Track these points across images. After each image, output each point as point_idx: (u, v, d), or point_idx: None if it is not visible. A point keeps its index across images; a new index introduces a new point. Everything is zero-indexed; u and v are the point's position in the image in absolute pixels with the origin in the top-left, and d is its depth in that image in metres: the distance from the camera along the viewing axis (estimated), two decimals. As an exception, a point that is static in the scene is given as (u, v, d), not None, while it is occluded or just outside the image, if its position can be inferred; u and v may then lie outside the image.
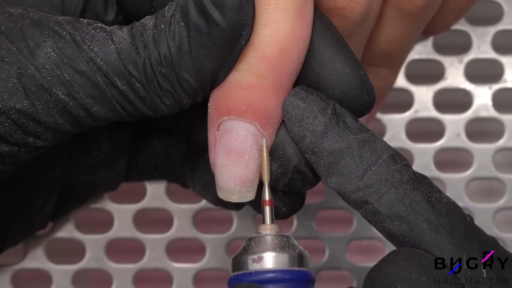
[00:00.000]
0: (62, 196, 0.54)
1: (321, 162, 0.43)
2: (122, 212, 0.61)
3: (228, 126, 0.43)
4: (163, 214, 0.61)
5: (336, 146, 0.42)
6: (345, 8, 0.47)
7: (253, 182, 0.44)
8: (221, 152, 0.43)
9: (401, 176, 0.42)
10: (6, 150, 0.43)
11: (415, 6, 0.49)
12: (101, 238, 0.61)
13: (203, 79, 0.43)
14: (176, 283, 0.61)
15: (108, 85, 0.42)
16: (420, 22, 0.51)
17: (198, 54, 0.42)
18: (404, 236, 0.41)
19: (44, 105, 0.42)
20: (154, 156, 0.55)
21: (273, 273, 0.42)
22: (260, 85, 0.43)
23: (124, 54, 0.42)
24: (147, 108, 0.43)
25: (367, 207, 0.42)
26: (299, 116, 0.43)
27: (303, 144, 0.43)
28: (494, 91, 0.62)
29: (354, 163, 0.42)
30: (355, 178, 0.42)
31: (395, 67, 0.54)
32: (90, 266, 0.61)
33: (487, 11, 0.63)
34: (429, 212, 0.41)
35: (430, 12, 0.50)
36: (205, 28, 0.42)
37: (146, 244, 0.61)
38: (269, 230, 0.44)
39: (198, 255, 0.61)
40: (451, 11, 0.53)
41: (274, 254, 0.43)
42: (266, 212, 0.44)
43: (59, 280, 0.61)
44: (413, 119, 0.62)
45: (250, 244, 0.44)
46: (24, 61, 0.42)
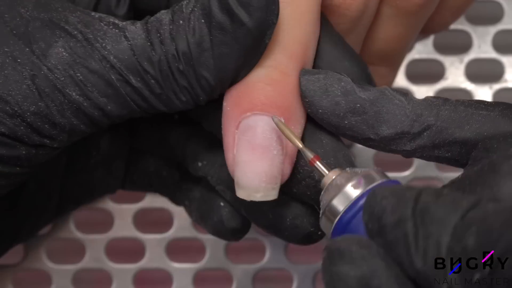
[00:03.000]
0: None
1: (365, 117, 0.42)
2: (122, 212, 0.61)
3: (252, 122, 0.42)
4: (163, 214, 0.61)
5: (373, 95, 0.42)
6: (341, 6, 0.47)
7: (277, 179, 0.43)
8: (245, 149, 0.42)
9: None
10: (24, 153, 0.43)
11: (413, 4, 0.49)
12: (101, 238, 0.61)
13: (223, 77, 0.42)
14: (176, 283, 0.61)
15: (122, 82, 0.42)
16: (418, 21, 0.50)
17: (220, 52, 0.42)
18: (475, 137, 0.42)
19: (58, 107, 0.42)
20: (148, 174, 0.55)
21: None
22: (286, 82, 0.43)
23: (139, 51, 0.42)
24: (162, 104, 0.43)
25: (430, 131, 0.42)
26: (323, 86, 0.43)
27: (340, 109, 0.43)
28: (494, 91, 0.62)
29: (393, 105, 0.42)
30: (403, 115, 0.42)
31: (394, 66, 0.53)
32: (90, 266, 0.61)
33: (487, 11, 0.62)
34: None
35: (428, 10, 0.50)
36: (229, 27, 0.41)
37: (146, 244, 0.61)
38: (335, 174, 0.42)
39: (198, 255, 0.61)
40: (449, 9, 0.53)
41: (363, 175, 0.41)
42: (320, 166, 0.42)
43: (59, 280, 0.61)
44: (413, 119, 0.61)
45: (334, 190, 0.41)
46: (37, 61, 0.42)
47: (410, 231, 0.37)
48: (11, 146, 0.42)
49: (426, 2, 0.49)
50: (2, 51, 0.42)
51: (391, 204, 0.38)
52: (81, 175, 0.54)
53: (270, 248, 0.61)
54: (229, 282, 0.61)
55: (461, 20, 0.60)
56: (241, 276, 0.61)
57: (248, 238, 0.60)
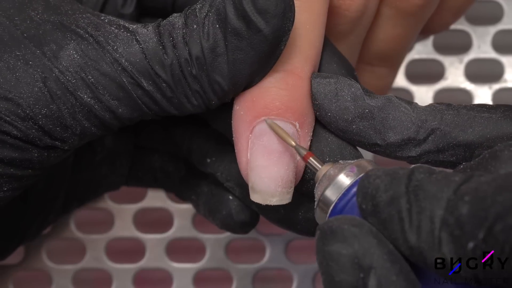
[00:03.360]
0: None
1: (373, 122, 0.43)
2: (122, 212, 0.61)
3: (267, 127, 0.42)
4: (163, 214, 0.61)
5: (380, 102, 0.43)
6: (341, 6, 0.47)
7: (292, 183, 0.43)
8: (260, 154, 0.42)
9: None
10: (36, 156, 0.43)
11: (413, 5, 0.49)
12: (101, 238, 0.61)
13: (237, 83, 0.42)
14: (176, 283, 0.61)
15: (134, 86, 0.42)
16: (418, 22, 0.50)
17: (235, 58, 0.41)
18: (478, 140, 0.42)
19: (70, 109, 0.42)
20: (153, 170, 0.55)
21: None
22: (300, 86, 0.43)
23: (150, 54, 0.42)
24: (173, 107, 0.43)
25: (434, 135, 0.42)
26: (334, 91, 0.43)
27: (349, 113, 0.43)
28: (494, 91, 0.62)
29: (399, 112, 0.43)
30: (409, 121, 0.42)
31: (393, 66, 0.54)
32: (90, 266, 0.61)
33: (487, 11, 0.63)
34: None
35: (428, 11, 0.50)
36: (246, 33, 0.41)
37: (146, 244, 0.61)
38: (328, 167, 0.42)
39: (198, 255, 0.61)
40: (449, 10, 0.53)
41: (355, 165, 0.41)
42: (314, 162, 0.42)
43: (59, 280, 0.61)
44: (413, 119, 0.61)
45: (329, 181, 0.42)
46: (48, 64, 0.42)
47: (404, 208, 0.37)
48: (24, 149, 0.43)
49: (425, 3, 0.49)
50: (14, 54, 0.42)
51: (385, 183, 0.38)
52: (86, 172, 0.54)
53: (270, 248, 0.61)
54: (229, 282, 0.61)
55: (461, 20, 0.60)
56: (241, 276, 0.61)
57: (248, 238, 0.60)
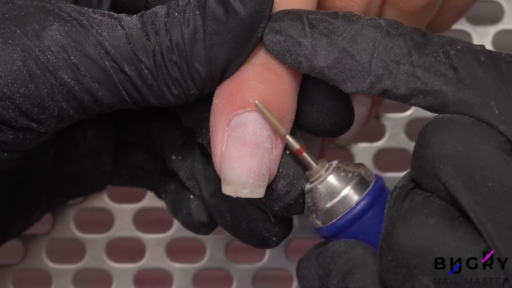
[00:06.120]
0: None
1: (328, 78, 0.42)
2: (122, 212, 0.61)
3: (243, 119, 0.42)
4: (163, 214, 0.61)
5: (332, 58, 0.42)
6: (343, 8, 0.47)
7: (265, 177, 0.43)
8: (234, 145, 0.42)
9: (401, 50, 0.41)
10: (12, 138, 0.43)
11: (415, 6, 0.49)
12: (101, 238, 0.61)
13: (214, 69, 0.42)
14: (176, 283, 0.61)
15: (116, 70, 0.42)
16: (420, 22, 0.50)
17: (212, 43, 0.42)
18: (433, 106, 0.41)
19: (49, 89, 0.42)
20: (136, 168, 0.55)
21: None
22: (279, 82, 0.43)
23: (134, 40, 0.42)
24: (154, 96, 0.43)
25: (388, 95, 0.42)
26: (285, 48, 0.42)
27: (303, 70, 0.43)
28: (494, 91, 0.62)
29: (354, 61, 0.42)
30: (364, 73, 0.42)
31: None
32: (90, 266, 0.61)
33: (487, 11, 0.63)
34: (444, 73, 0.41)
35: (431, 12, 0.50)
36: (223, 17, 0.42)
37: (146, 244, 0.61)
38: (323, 168, 0.43)
39: (198, 255, 0.61)
40: (451, 11, 0.53)
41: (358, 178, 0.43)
42: (307, 158, 0.43)
43: (59, 280, 0.61)
44: (413, 119, 0.61)
45: (323, 190, 0.43)
46: (29, 43, 0.42)
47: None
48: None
49: (428, 4, 0.49)
50: None
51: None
52: (70, 166, 0.54)
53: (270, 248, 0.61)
54: (229, 282, 0.61)
55: (461, 20, 0.60)
56: (241, 276, 0.61)
57: (249, 238, 0.60)
